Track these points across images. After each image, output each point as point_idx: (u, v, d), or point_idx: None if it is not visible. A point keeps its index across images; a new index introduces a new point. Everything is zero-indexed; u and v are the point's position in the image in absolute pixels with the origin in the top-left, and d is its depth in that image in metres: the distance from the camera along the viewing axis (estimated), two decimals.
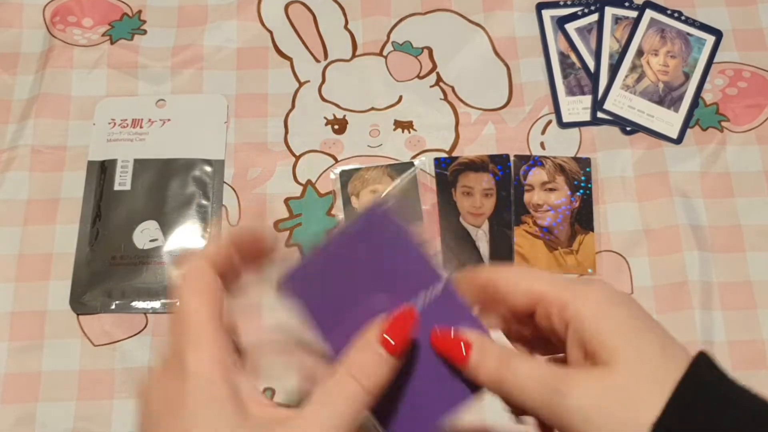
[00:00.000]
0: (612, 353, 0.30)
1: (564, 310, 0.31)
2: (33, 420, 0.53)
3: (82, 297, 0.56)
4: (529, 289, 0.33)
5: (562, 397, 0.30)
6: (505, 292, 0.34)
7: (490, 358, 0.32)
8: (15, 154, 0.60)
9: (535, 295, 0.33)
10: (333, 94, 0.63)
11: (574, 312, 0.31)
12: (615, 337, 0.30)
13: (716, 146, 0.61)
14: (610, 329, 0.30)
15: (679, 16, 0.65)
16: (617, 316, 0.31)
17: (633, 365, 0.29)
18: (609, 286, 0.32)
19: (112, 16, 0.66)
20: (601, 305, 0.31)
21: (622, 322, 0.30)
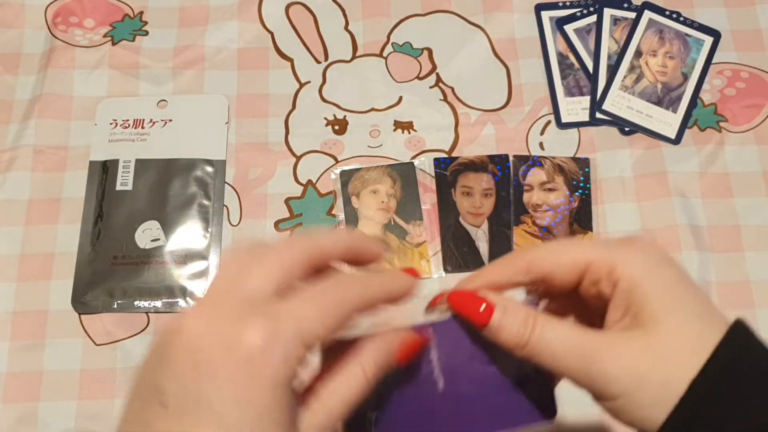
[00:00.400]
0: (654, 316, 0.30)
1: (612, 273, 0.31)
2: (35, 419, 0.53)
3: (84, 296, 0.56)
4: (575, 260, 0.32)
5: (596, 360, 0.30)
6: (550, 270, 0.33)
7: (514, 319, 0.31)
8: (17, 154, 0.60)
9: (582, 264, 0.32)
10: (333, 94, 0.64)
11: (622, 273, 0.31)
12: (659, 299, 0.30)
13: (714, 146, 0.61)
14: (656, 292, 0.30)
15: (677, 17, 0.66)
16: (663, 278, 0.31)
17: (673, 329, 0.29)
18: (652, 244, 0.32)
19: (114, 17, 0.66)
20: (648, 266, 0.31)
21: (668, 285, 0.30)
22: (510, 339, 0.31)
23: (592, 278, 0.32)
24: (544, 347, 0.31)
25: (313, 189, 0.60)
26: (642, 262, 0.31)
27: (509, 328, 0.31)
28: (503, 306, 0.32)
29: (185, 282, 0.57)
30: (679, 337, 0.29)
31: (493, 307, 0.32)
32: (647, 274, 0.31)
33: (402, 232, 0.58)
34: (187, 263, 0.57)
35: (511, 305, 0.32)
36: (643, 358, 0.29)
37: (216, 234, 0.58)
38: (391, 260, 0.57)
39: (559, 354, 0.31)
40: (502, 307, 0.32)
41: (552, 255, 0.33)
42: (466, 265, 0.58)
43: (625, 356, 0.29)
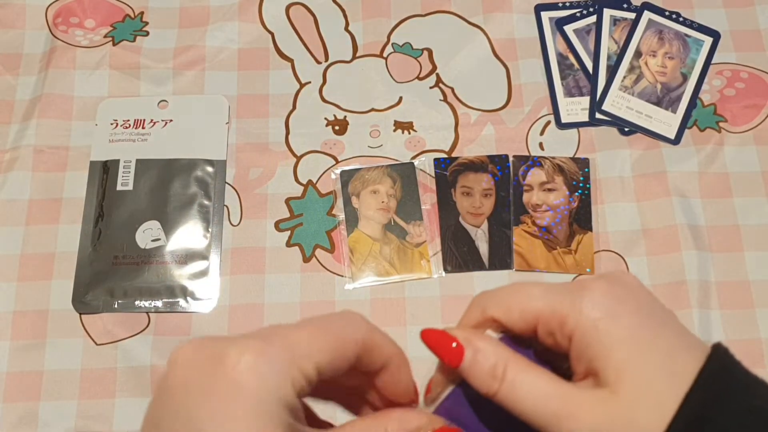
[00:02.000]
0: (617, 373, 0.28)
1: (564, 326, 0.29)
2: (35, 419, 0.53)
3: (85, 296, 0.56)
4: (523, 311, 0.30)
5: (565, 419, 0.28)
6: (502, 319, 0.31)
7: (485, 363, 0.29)
8: (18, 154, 0.60)
9: (531, 315, 0.30)
10: (334, 95, 0.64)
11: (574, 326, 0.29)
12: (617, 355, 0.28)
13: (714, 147, 0.61)
14: (612, 346, 0.28)
15: (677, 17, 0.66)
16: (619, 328, 0.28)
17: (638, 387, 0.27)
18: (603, 286, 0.29)
19: (114, 18, 0.66)
20: (601, 317, 0.28)
21: (625, 336, 0.28)
22: (480, 384, 0.30)
23: (545, 330, 0.30)
24: (514, 399, 0.29)
25: (313, 189, 0.60)
26: (594, 313, 0.28)
27: (479, 371, 0.29)
28: (474, 347, 0.30)
29: (186, 282, 0.57)
30: (644, 395, 0.27)
31: (462, 350, 0.30)
32: (601, 327, 0.28)
33: (402, 232, 0.59)
34: (187, 263, 0.57)
35: (483, 346, 0.30)
36: (611, 422, 0.27)
37: (216, 234, 0.58)
38: (392, 260, 0.58)
39: (528, 409, 0.29)
40: (473, 349, 0.30)
41: (501, 304, 0.31)
42: (466, 265, 0.58)
43: (592, 420, 0.28)
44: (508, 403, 0.29)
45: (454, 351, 0.30)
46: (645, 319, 0.29)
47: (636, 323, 0.28)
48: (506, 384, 0.29)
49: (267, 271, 0.57)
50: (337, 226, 0.59)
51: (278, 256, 0.58)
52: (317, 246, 0.58)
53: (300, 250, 0.58)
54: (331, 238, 0.59)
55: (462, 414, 0.31)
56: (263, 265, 0.58)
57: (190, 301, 0.56)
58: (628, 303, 0.29)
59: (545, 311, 0.29)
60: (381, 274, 0.57)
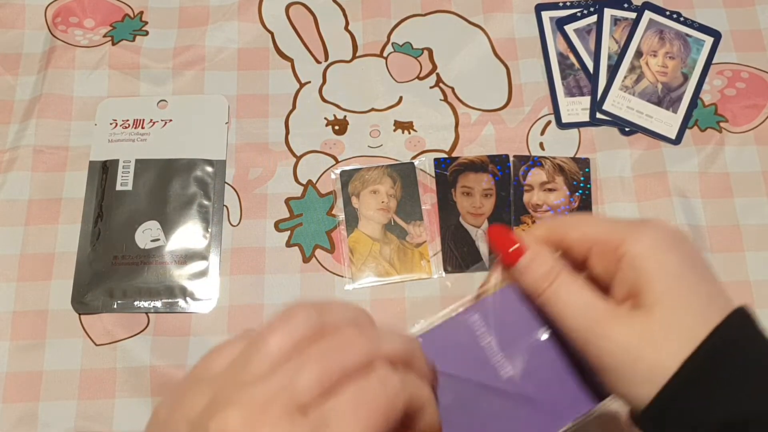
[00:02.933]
0: (655, 298, 0.30)
1: (617, 250, 0.31)
2: (35, 419, 0.53)
3: (84, 296, 0.56)
4: (583, 235, 0.33)
5: (597, 332, 0.30)
6: (562, 242, 0.34)
7: (539, 268, 0.32)
8: (17, 155, 0.60)
9: (590, 239, 0.33)
10: (333, 94, 0.64)
11: (626, 251, 0.31)
12: (661, 283, 0.30)
13: (715, 147, 0.61)
14: (658, 273, 0.30)
15: (677, 17, 0.66)
16: (667, 260, 0.31)
17: (671, 315, 0.30)
18: (664, 226, 0.32)
19: (114, 17, 0.66)
20: (653, 247, 0.31)
21: (671, 267, 0.31)
22: (529, 284, 0.33)
23: (598, 252, 0.33)
24: (556, 302, 0.32)
25: (313, 189, 0.60)
26: (649, 243, 0.31)
27: (532, 273, 0.33)
28: (534, 252, 0.33)
29: (185, 282, 0.57)
30: (676, 323, 0.30)
31: (524, 250, 0.33)
32: (652, 256, 0.31)
33: (402, 232, 0.58)
34: (187, 263, 0.57)
35: (542, 254, 0.33)
36: (639, 340, 0.30)
37: (216, 234, 0.58)
38: (392, 261, 0.58)
39: (567, 314, 0.32)
40: (532, 253, 0.33)
41: (566, 225, 0.34)
42: (466, 265, 0.58)
43: (623, 335, 0.30)
44: (552, 304, 0.32)
45: (514, 251, 0.33)
46: (691, 262, 0.31)
47: (683, 263, 0.31)
48: (554, 286, 0.32)
49: (267, 271, 0.57)
50: (337, 226, 0.59)
51: (278, 257, 0.58)
52: (317, 246, 0.58)
53: (300, 251, 0.58)
54: (331, 238, 0.59)
55: (504, 314, 0.34)
56: (263, 266, 0.57)
57: (189, 302, 0.56)
58: (681, 247, 0.31)
59: (605, 234, 0.32)
60: (381, 275, 0.57)
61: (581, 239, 0.33)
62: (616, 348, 0.30)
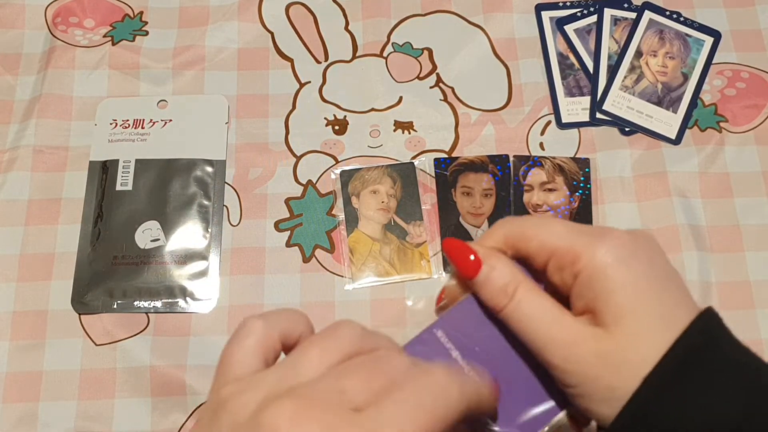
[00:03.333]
0: (612, 317, 0.29)
1: (575, 264, 0.31)
2: (35, 419, 0.53)
3: (84, 297, 0.56)
4: (542, 243, 0.32)
5: (560, 349, 0.30)
6: (521, 250, 0.33)
7: (498, 280, 0.31)
8: (17, 155, 0.60)
9: (548, 248, 0.32)
10: (333, 94, 0.64)
11: (583, 267, 0.30)
12: (618, 301, 0.29)
13: (715, 147, 0.61)
14: (614, 291, 0.29)
15: (677, 17, 0.66)
16: (624, 276, 0.30)
17: (630, 334, 0.29)
18: (623, 238, 0.31)
19: (114, 17, 0.66)
20: (610, 263, 0.30)
21: (628, 283, 0.30)
22: (488, 300, 0.32)
23: (556, 264, 0.32)
24: (518, 318, 0.31)
25: (313, 189, 0.60)
26: (605, 258, 0.30)
27: (491, 287, 0.32)
28: (491, 265, 0.32)
29: (185, 282, 0.57)
30: (634, 341, 0.29)
31: (479, 264, 0.32)
32: (608, 273, 0.30)
33: (402, 232, 0.58)
34: (187, 263, 0.57)
35: (500, 267, 0.32)
36: (597, 359, 0.29)
37: (216, 234, 0.58)
38: (392, 261, 0.58)
39: (528, 330, 0.31)
40: (489, 267, 0.32)
41: (524, 232, 0.33)
42: None
43: (582, 354, 0.30)
44: (513, 320, 0.31)
45: (472, 263, 0.32)
46: (652, 272, 0.30)
47: (642, 274, 0.30)
48: (514, 302, 0.31)
49: (267, 271, 0.57)
50: (337, 226, 0.59)
51: (278, 257, 0.58)
52: (317, 246, 0.58)
53: (300, 251, 0.58)
54: (331, 238, 0.59)
55: (466, 326, 0.33)
56: (263, 266, 0.57)
57: (189, 302, 0.56)
58: (641, 256, 0.30)
59: (562, 246, 0.31)
60: (381, 275, 0.57)
61: (539, 249, 0.32)
62: (576, 366, 0.30)
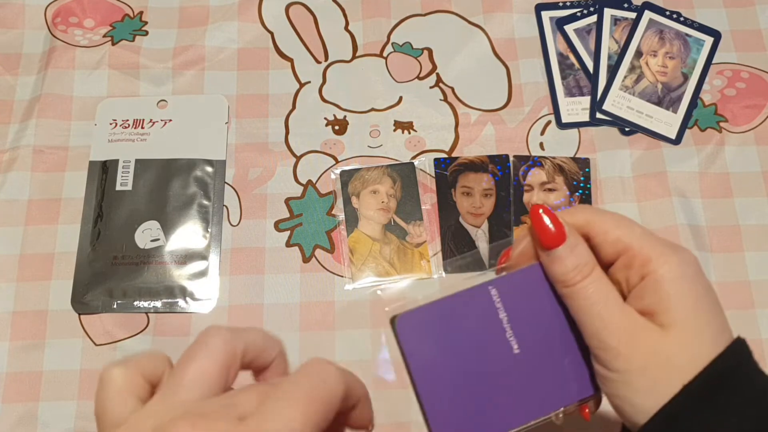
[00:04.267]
0: (671, 322, 0.31)
1: (645, 265, 0.32)
2: (34, 419, 0.53)
3: (84, 297, 0.56)
4: (618, 239, 0.33)
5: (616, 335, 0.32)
6: (595, 238, 0.34)
7: (575, 259, 0.33)
8: (17, 155, 0.60)
9: (623, 245, 0.33)
10: (333, 94, 0.64)
11: (653, 271, 0.32)
12: (679, 309, 0.32)
13: (715, 147, 0.61)
14: (678, 300, 0.32)
15: (677, 17, 0.66)
16: (690, 289, 0.32)
17: (685, 338, 0.31)
18: (692, 257, 0.33)
19: (114, 17, 0.66)
20: (681, 273, 0.32)
21: (691, 297, 0.32)
22: (560, 273, 0.33)
23: (625, 261, 0.33)
24: (583, 298, 0.32)
25: (313, 189, 0.60)
26: (675, 270, 0.32)
27: (566, 264, 0.33)
28: (573, 242, 0.33)
29: (185, 282, 0.57)
30: (687, 345, 0.31)
31: (564, 238, 0.33)
32: (678, 281, 0.32)
33: (402, 232, 0.58)
34: (186, 263, 0.57)
35: (580, 246, 0.33)
36: (654, 351, 0.31)
37: (216, 234, 0.58)
38: (392, 261, 0.58)
39: (590, 312, 0.32)
40: (572, 242, 0.33)
41: (603, 226, 0.34)
42: (467, 265, 0.58)
43: (640, 343, 0.31)
44: (579, 298, 0.33)
45: (556, 235, 0.33)
46: (708, 294, 0.33)
47: (701, 295, 0.32)
48: (586, 281, 0.33)
49: (266, 271, 0.57)
50: (337, 226, 0.59)
51: (278, 257, 0.58)
52: (317, 246, 0.58)
53: (300, 251, 0.58)
54: (331, 238, 0.59)
55: (522, 292, 0.34)
56: (263, 266, 0.57)
57: (189, 302, 0.56)
58: (702, 278, 0.33)
59: (637, 247, 0.33)
60: (381, 275, 0.57)
61: (615, 243, 0.33)
62: (630, 351, 0.31)
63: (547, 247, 0.33)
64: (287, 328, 0.56)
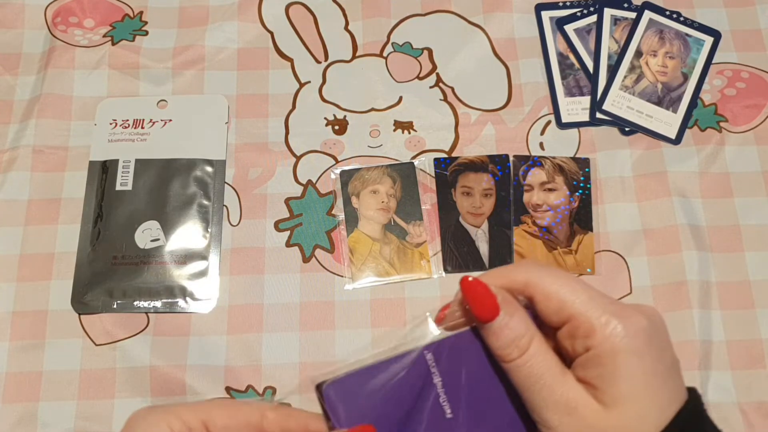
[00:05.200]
0: (613, 399, 0.30)
1: (589, 336, 0.31)
2: (34, 419, 0.53)
3: (84, 296, 0.56)
4: (561, 306, 0.32)
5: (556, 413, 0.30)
6: (538, 304, 0.32)
7: (513, 331, 0.31)
8: (17, 154, 0.60)
9: (566, 313, 0.31)
10: (333, 94, 0.64)
11: (598, 343, 0.30)
12: (624, 385, 0.30)
13: (715, 146, 0.61)
14: (623, 376, 0.30)
15: (677, 17, 0.66)
16: (635, 364, 0.30)
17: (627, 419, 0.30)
18: (642, 324, 0.31)
19: (114, 17, 0.66)
20: (625, 347, 0.30)
21: (638, 372, 0.30)
22: (496, 348, 0.32)
23: (569, 330, 0.32)
24: (524, 373, 0.31)
25: (313, 189, 0.60)
26: (621, 342, 0.30)
27: (501, 339, 0.31)
28: (509, 312, 0.32)
29: (185, 282, 0.57)
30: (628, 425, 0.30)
31: (497, 312, 0.31)
32: (621, 355, 0.30)
33: (402, 232, 0.58)
34: (186, 263, 0.57)
35: (517, 317, 0.32)
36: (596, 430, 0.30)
37: (216, 234, 0.58)
38: (392, 261, 0.58)
39: (532, 387, 0.31)
40: (508, 314, 0.32)
41: (546, 289, 0.32)
42: (466, 265, 0.58)
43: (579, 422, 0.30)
44: (518, 374, 0.31)
45: (489, 308, 0.31)
46: (659, 365, 0.31)
47: (650, 367, 0.30)
48: (525, 357, 0.31)
49: (266, 271, 0.57)
50: (337, 226, 0.59)
51: (278, 257, 0.58)
52: (317, 246, 0.58)
53: (300, 250, 0.58)
54: (331, 238, 0.59)
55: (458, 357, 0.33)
56: (263, 266, 0.57)
57: (189, 302, 0.56)
58: (653, 348, 0.31)
59: (581, 317, 0.31)
60: (381, 275, 0.57)
61: (557, 310, 0.32)
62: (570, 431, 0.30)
63: (482, 321, 0.32)
64: (287, 328, 0.56)
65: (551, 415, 0.31)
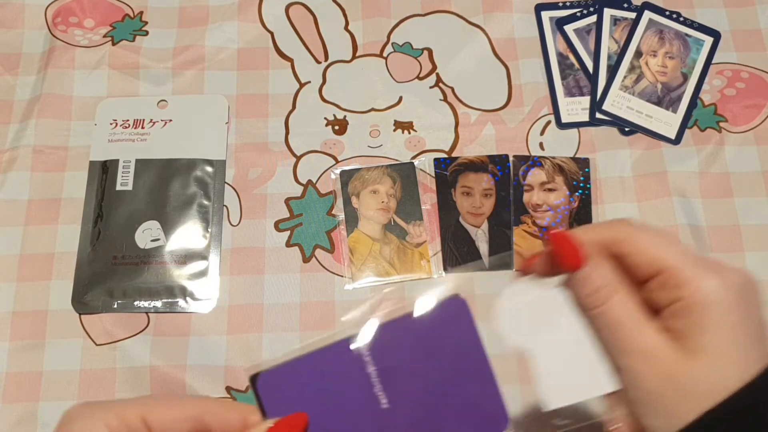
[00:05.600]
0: (700, 347, 0.31)
1: (680, 288, 0.31)
2: (34, 419, 0.53)
3: (84, 296, 0.56)
4: (655, 259, 0.32)
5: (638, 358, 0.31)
6: (629, 255, 0.33)
7: (598, 281, 0.32)
8: (17, 154, 0.60)
9: (660, 266, 0.32)
10: (333, 94, 0.64)
11: (688, 296, 0.31)
12: (710, 338, 0.30)
13: (714, 146, 0.61)
14: (712, 326, 0.31)
15: (677, 17, 0.66)
16: (726, 317, 0.31)
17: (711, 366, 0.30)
18: (737, 281, 0.31)
19: (114, 17, 0.66)
20: (715, 302, 0.31)
21: (727, 325, 0.31)
22: (584, 296, 0.33)
23: (660, 282, 0.32)
24: (605, 320, 0.32)
25: (313, 189, 0.60)
26: (714, 294, 0.31)
27: (589, 286, 0.32)
28: (596, 263, 0.33)
29: (185, 282, 0.57)
30: (711, 374, 0.30)
31: (586, 260, 0.32)
32: (712, 307, 0.31)
33: (402, 232, 0.58)
34: (187, 263, 0.57)
35: (603, 266, 0.33)
36: (668, 381, 0.31)
37: (216, 234, 0.58)
38: (392, 261, 0.58)
39: (619, 332, 0.32)
40: (593, 264, 0.33)
41: (639, 243, 0.33)
42: (467, 265, 0.58)
43: (659, 368, 0.31)
44: (602, 321, 0.32)
45: (576, 258, 0.33)
46: (747, 322, 0.31)
47: (738, 323, 0.31)
48: (607, 305, 0.32)
49: (266, 271, 0.57)
50: (337, 226, 0.59)
51: (278, 256, 0.58)
52: (317, 246, 0.58)
53: (300, 250, 0.58)
54: (331, 238, 0.59)
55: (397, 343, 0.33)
56: (263, 266, 0.57)
57: (189, 302, 0.56)
58: (743, 304, 0.31)
59: (674, 269, 0.32)
60: (381, 275, 0.57)
61: (648, 263, 0.32)
62: (646, 379, 0.31)
63: (568, 270, 0.33)
64: (287, 328, 0.56)
65: (631, 361, 0.31)
